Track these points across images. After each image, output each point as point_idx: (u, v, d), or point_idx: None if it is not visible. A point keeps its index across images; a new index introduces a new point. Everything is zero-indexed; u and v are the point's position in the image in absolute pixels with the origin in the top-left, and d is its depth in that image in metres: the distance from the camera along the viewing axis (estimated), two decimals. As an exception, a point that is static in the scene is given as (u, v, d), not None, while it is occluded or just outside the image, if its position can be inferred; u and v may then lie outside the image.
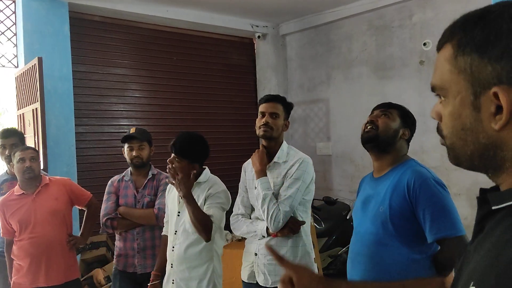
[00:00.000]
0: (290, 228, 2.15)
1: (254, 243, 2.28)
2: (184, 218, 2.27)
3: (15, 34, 4.12)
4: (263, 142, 2.32)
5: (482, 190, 0.67)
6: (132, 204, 2.78)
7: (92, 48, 4.49)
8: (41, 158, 3.15)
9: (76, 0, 4.15)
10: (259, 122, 2.27)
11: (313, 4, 4.95)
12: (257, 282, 2.25)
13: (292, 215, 2.18)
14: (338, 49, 5.24)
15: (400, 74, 4.69)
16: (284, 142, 2.33)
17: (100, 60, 4.54)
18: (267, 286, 2.20)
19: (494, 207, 0.61)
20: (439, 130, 0.71)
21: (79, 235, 3.00)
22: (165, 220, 2.52)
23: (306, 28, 5.51)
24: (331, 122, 5.36)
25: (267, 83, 5.70)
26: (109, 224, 2.73)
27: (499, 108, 0.58)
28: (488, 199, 0.63)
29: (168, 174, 2.84)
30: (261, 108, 2.30)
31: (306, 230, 2.27)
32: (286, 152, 2.30)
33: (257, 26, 5.53)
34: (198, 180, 2.31)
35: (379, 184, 1.78)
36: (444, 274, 1.66)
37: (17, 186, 2.84)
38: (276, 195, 2.18)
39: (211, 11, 5.02)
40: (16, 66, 4.14)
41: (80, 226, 3.08)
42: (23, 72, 3.88)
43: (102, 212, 2.78)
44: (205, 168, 2.38)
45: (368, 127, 1.80)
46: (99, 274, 3.73)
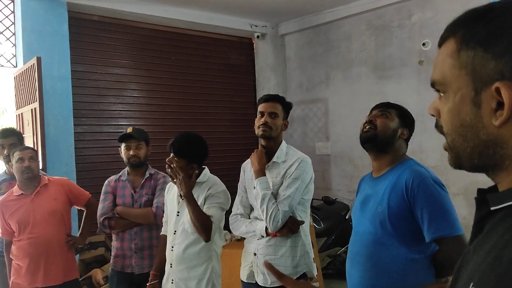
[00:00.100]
0: (289, 228, 2.15)
1: (253, 243, 2.27)
2: (184, 218, 2.27)
3: (14, 34, 4.11)
4: (262, 141, 2.32)
5: (480, 191, 0.67)
6: (130, 204, 2.77)
7: (91, 48, 4.48)
8: (39, 158, 3.15)
9: (75, 0, 4.15)
10: (258, 121, 2.27)
11: (312, 4, 4.95)
12: (256, 282, 2.24)
13: (291, 214, 2.18)
14: (337, 49, 5.24)
15: (399, 74, 4.68)
16: (283, 142, 2.33)
17: (99, 60, 4.54)
18: (266, 286, 2.20)
19: (493, 208, 0.61)
20: (438, 127, 0.70)
21: (77, 235, 3.00)
22: (164, 220, 2.52)
23: (305, 28, 5.51)
24: (330, 122, 5.36)
25: (266, 83, 5.70)
26: (106, 223, 2.71)
27: (500, 105, 0.58)
28: (487, 199, 0.63)
29: (165, 174, 2.84)
30: (260, 108, 2.30)
31: (305, 230, 2.27)
32: (285, 151, 2.29)
33: (256, 26, 5.53)
34: (198, 180, 2.31)
35: (378, 184, 1.78)
36: (444, 275, 1.66)
37: (16, 186, 2.83)
38: (275, 195, 2.18)
39: (210, 11, 5.02)
40: (15, 65, 4.14)
41: (79, 226, 3.08)
42: (22, 71, 3.88)
43: (99, 212, 2.75)
44: (204, 168, 2.39)
45: (367, 127, 1.81)
46: (97, 274, 3.73)
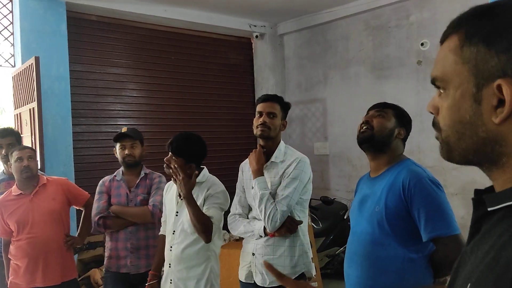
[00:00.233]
0: (287, 227, 2.15)
1: (252, 243, 2.28)
2: (183, 218, 2.27)
3: (12, 34, 4.10)
4: (260, 141, 2.32)
5: (477, 191, 0.67)
6: (125, 203, 2.74)
7: (89, 47, 4.47)
8: (38, 158, 3.14)
9: (73, 0, 4.14)
10: (257, 121, 2.28)
11: (310, 4, 4.96)
12: (254, 282, 2.24)
13: (290, 214, 2.18)
14: (335, 48, 5.25)
15: (397, 74, 4.69)
16: (282, 142, 2.33)
17: (98, 59, 4.53)
18: (265, 286, 2.20)
19: (490, 209, 0.61)
20: (434, 124, 0.70)
21: (76, 235, 3.00)
22: (162, 219, 2.51)
23: (304, 28, 5.51)
24: (328, 122, 5.36)
25: (265, 82, 5.70)
26: (101, 223, 2.67)
27: (500, 102, 0.58)
28: (484, 200, 0.63)
29: (160, 174, 2.84)
30: (258, 107, 2.30)
31: (304, 230, 2.27)
32: (284, 151, 2.30)
33: (255, 26, 5.53)
34: (197, 180, 2.30)
35: (375, 184, 1.79)
36: (442, 275, 1.67)
37: (14, 186, 2.83)
38: (273, 195, 2.19)
39: (209, 10, 5.02)
40: (13, 65, 4.13)
41: (77, 226, 3.08)
42: (20, 71, 3.87)
43: (94, 211, 2.72)
44: (203, 168, 2.39)
45: (364, 128, 1.81)
46: (96, 274, 3.73)
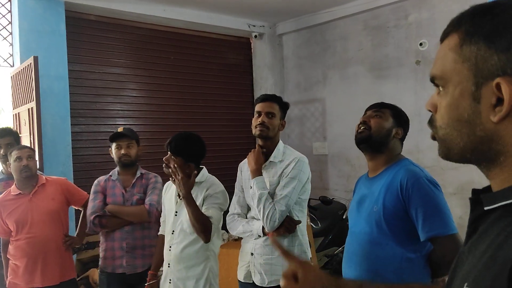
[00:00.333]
0: (286, 227, 2.16)
1: (250, 243, 2.28)
2: (182, 218, 2.27)
3: (11, 33, 4.10)
4: (259, 141, 2.32)
5: (475, 191, 0.67)
6: (121, 203, 2.72)
7: (88, 47, 4.47)
8: (36, 158, 3.14)
9: (72, -1, 4.15)
10: (255, 121, 2.28)
11: (309, 4, 4.96)
12: (253, 281, 2.25)
13: (288, 214, 2.18)
14: (334, 48, 5.25)
15: (396, 74, 4.69)
16: (280, 142, 2.33)
17: (97, 59, 4.53)
18: (264, 286, 2.20)
19: (486, 208, 0.61)
20: (431, 122, 0.70)
21: (75, 235, 3.00)
22: (161, 219, 2.51)
23: (303, 28, 5.51)
24: (327, 122, 5.36)
25: (264, 82, 5.70)
26: (97, 222, 2.63)
27: (499, 101, 0.58)
28: (481, 200, 0.63)
29: (156, 174, 2.84)
30: (257, 107, 2.31)
31: (302, 230, 2.27)
32: (282, 151, 2.30)
33: (253, 26, 5.54)
34: (196, 180, 2.30)
35: (373, 184, 1.79)
36: (439, 274, 1.67)
37: (13, 186, 2.83)
38: (272, 195, 2.19)
39: (208, 10, 5.02)
40: (11, 65, 4.12)
41: (76, 226, 3.08)
42: (19, 71, 3.86)
43: (90, 211, 2.69)
44: (202, 167, 2.39)
45: (361, 128, 1.82)
46: (95, 274, 3.73)
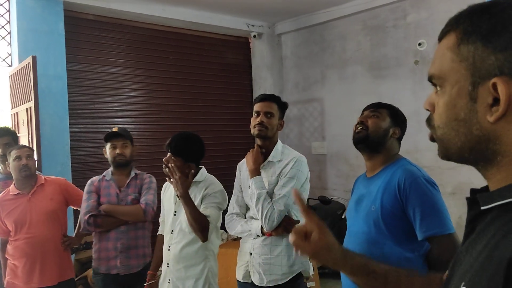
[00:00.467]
0: (284, 227, 2.15)
1: (249, 243, 2.28)
2: (181, 218, 2.28)
3: (9, 33, 4.09)
4: (257, 141, 2.32)
5: (473, 191, 0.67)
6: (115, 203, 2.70)
7: (87, 46, 4.47)
8: (35, 157, 3.13)
9: (71, -1, 4.14)
10: (254, 121, 2.28)
11: (308, 4, 4.96)
12: (252, 281, 2.25)
13: (287, 214, 2.19)
14: (333, 48, 5.26)
15: (394, 74, 4.70)
16: (279, 141, 2.33)
17: (95, 59, 4.52)
18: (262, 286, 2.20)
19: (483, 208, 0.61)
20: (428, 121, 0.70)
21: (73, 235, 2.99)
22: (160, 219, 2.52)
23: (301, 28, 5.51)
24: (326, 122, 5.37)
25: (263, 82, 5.70)
26: (92, 221, 2.60)
27: (496, 101, 0.58)
28: (478, 199, 0.63)
29: (150, 174, 2.84)
30: (255, 107, 2.31)
31: (301, 229, 2.27)
32: (281, 151, 2.30)
33: (252, 26, 5.54)
34: (195, 179, 2.31)
35: (371, 184, 1.80)
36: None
37: (12, 186, 2.82)
38: (270, 194, 2.19)
39: (207, 10, 5.02)
40: (10, 64, 4.12)
41: (74, 226, 3.07)
42: (17, 70, 3.86)
43: (84, 210, 2.65)
44: (201, 167, 2.39)
45: (359, 128, 1.83)
46: (93, 274, 3.73)
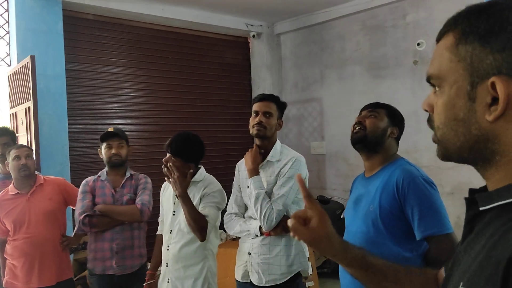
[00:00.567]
0: (283, 227, 2.15)
1: (248, 242, 2.28)
2: (180, 218, 2.28)
3: (8, 32, 4.09)
4: (256, 141, 2.32)
5: (471, 191, 0.67)
6: (111, 203, 2.69)
7: (85, 46, 4.46)
8: (34, 157, 3.13)
9: (69, -2, 4.14)
10: (253, 121, 2.28)
11: (307, 4, 4.96)
12: (251, 281, 2.25)
13: (286, 214, 2.18)
14: (332, 48, 5.26)
15: (393, 74, 4.70)
16: (278, 141, 2.34)
17: (94, 58, 4.52)
18: (261, 285, 2.21)
19: (482, 208, 0.61)
20: (429, 122, 0.70)
21: (72, 235, 2.99)
22: (159, 219, 2.52)
23: (301, 28, 5.51)
24: (325, 122, 5.37)
25: (262, 82, 5.70)
26: (87, 221, 2.59)
27: (494, 100, 0.58)
28: (477, 199, 0.63)
29: (145, 175, 2.84)
30: (254, 107, 2.31)
31: (300, 229, 2.27)
32: (280, 151, 2.30)
33: (252, 25, 5.53)
34: (194, 179, 2.31)
35: (370, 183, 1.80)
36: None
37: (11, 185, 2.82)
38: (269, 194, 2.19)
39: (206, 10, 5.02)
40: (9, 64, 4.11)
41: (73, 226, 3.07)
42: (16, 70, 3.85)
43: (79, 210, 2.63)
44: (200, 167, 2.39)
45: (357, 128, 1.83)
46: (92, 274, 3.72)
